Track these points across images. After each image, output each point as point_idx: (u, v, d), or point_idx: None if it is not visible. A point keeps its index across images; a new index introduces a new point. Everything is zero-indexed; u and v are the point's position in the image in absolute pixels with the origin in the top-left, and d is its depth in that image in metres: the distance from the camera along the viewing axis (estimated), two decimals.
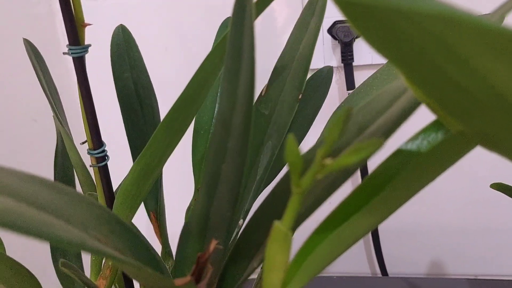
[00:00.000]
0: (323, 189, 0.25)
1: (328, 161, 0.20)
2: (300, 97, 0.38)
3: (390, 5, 0.14)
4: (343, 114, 0.18)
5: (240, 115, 0.26)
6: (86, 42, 0.34)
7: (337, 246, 0.24)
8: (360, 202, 0.24)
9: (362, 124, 0.26)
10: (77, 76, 0.34)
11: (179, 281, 0.24)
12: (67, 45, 0.34)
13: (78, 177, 0.46)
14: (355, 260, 0.80)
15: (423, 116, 0.28)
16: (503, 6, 0.18)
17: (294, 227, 0.25)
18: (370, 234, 0.75)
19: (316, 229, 0.25)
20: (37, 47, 0.44)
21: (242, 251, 0.30)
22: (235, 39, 0.25)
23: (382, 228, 0.75)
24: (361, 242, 0.79)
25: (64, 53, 0.34)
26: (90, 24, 0.34)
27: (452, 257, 0.77)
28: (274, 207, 0.28)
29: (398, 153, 0.24)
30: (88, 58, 0.35)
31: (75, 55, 0.33)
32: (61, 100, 0.46)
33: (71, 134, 0.42)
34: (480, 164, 0.70)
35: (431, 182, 0.24)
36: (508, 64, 0.15)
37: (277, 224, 0.23)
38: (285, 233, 0.23)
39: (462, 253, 0.76)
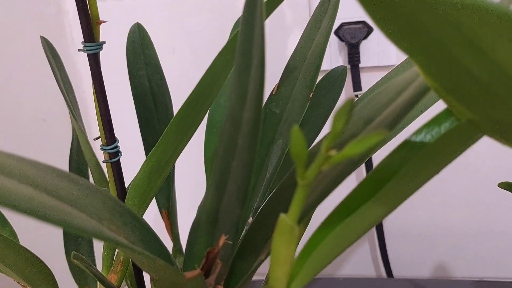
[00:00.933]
0: (330, 181, 0.25)
1: (333, 152, 0.20)
2: (311, 96, 0.38)
3: None
4: (346, 105, 0.19)
5: (249, 111, 0.26)
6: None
7: (343, 239, 0.24)
8: (366, 195, 0.24)
9: (368, 117, 0.26)
10: (91, 72, 0.35)
11: (189, 274, 0.25)
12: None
13: (92, 174, 0.46)
14: (361, 261, 0.80)
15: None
16: None
17: (300, 219, 0.25)
18: (376, 236, 0.75)
19: (322, 223, 0.25)
20: None
21: (249, 246, 0.30)
22: (245, 37, 0.26)
23: (388, 230, 0.75)
24: (366, 244, 0.79)
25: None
26: (105, 22, 0.35)
27: (458, 259, 0.76)
28: (282, 200, 0.28)
29: (403, 147, 0.24)
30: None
31: (90, 52, 0.34)
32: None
33: (85, 131, 0.43)
34: (486, 166, 0.70)
35: (435, 175, 0.24)
36: None
37: (283, 217, 0.23)
38: (291, 226, 0.23)
39: (468, 255, 0.76)
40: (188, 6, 0.73)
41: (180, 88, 0.48)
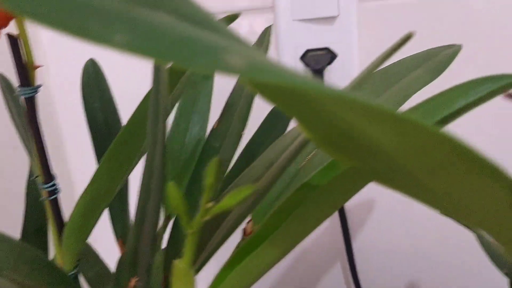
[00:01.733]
0: (232, 225, 0.27)
1: (210, 205, 0.21)
2: (243, 132, 0.39)
3: (292, 87, 0.16)
4: (213, 164, 0.20)
5: (158, 156, 0.27)
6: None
7: (242, 280, 0.26)
8: (265, 236, 0.26)
9: (271, 160, 0.27)
10: (28, 115, 0.36)
11: None
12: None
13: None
14: (331, 281, 0.80)
15: None
16: (371, 65, 0.20)
17: (204, 262, 0.27)
18: (346, 255, 0.76)
19: (225, 263, 0.26)
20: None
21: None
22: (154, 97, 0.27)
23: (358, 249, 0.76)
24: (337, 264, 0.80)
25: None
26: (41, 66, 0.36)
27: (429, 277, 0.77)
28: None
29: (302, 188, 0.25)
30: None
31: (25, 96, 0.35)
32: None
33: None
34: None
35: (328, 216, 0.25)
36: (382, 129, 0.17)
37: (176, 262, 0.24)
38: (186, 270, 0.24)
39: (438, 274, 0.76)
40: None
41: None
